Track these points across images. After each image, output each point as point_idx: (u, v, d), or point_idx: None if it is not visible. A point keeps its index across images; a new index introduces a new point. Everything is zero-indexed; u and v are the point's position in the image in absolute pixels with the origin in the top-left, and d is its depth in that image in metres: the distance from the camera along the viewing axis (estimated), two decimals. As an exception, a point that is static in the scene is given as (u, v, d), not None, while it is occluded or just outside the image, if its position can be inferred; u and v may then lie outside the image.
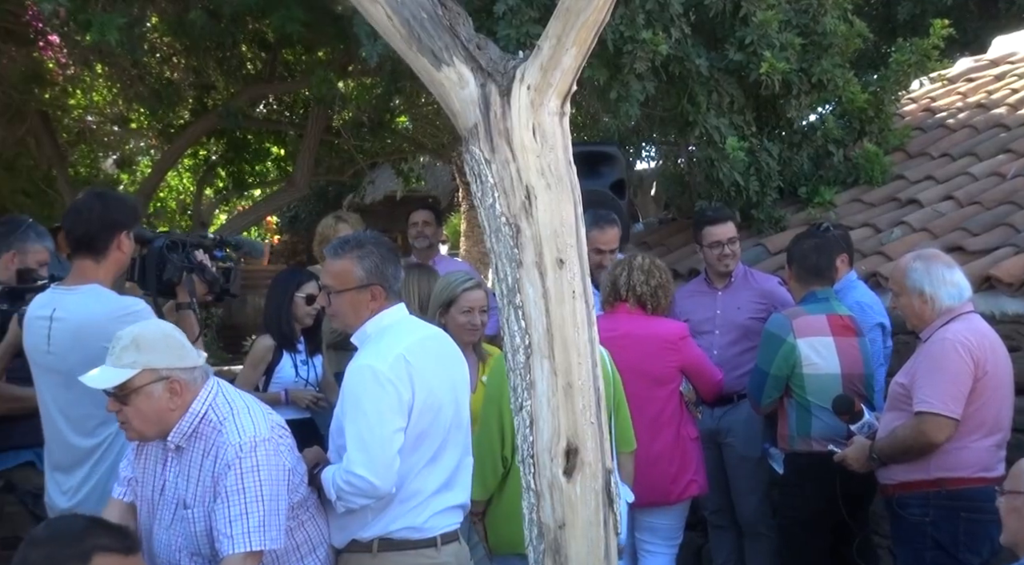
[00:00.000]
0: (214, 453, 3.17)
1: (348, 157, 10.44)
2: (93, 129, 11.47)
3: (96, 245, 3.73)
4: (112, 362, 3.13)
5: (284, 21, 6.67)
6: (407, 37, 2.63)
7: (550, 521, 2.47)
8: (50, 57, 9.89)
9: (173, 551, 3.25)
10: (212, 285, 3.94)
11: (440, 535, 3.43)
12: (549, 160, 2.57)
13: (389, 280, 3.46)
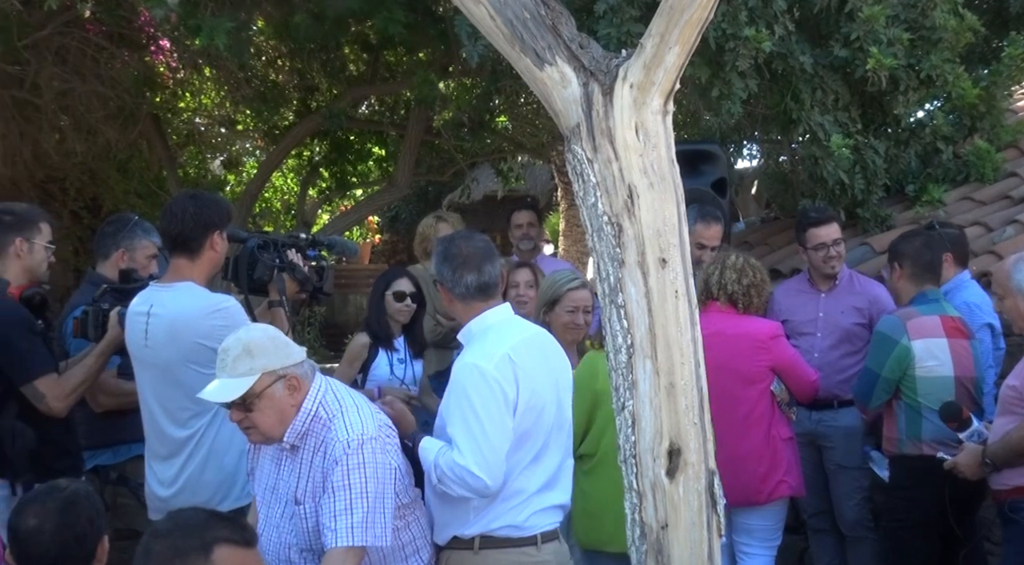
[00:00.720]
0: (323, 449, 3.24)
1: (448, 157, 10.51)
2: (201, 131, 11.74)
3: (190, 244, 3.84)
4: (228, 374, 3.19)
5: (386, 23, 6.74)
6: (510, 37, 2.65)
7: (652, 521, 2.46)
8: (161, 61, 10.17)
9: (283, 547, 3.33)
10: (304, 284, 4.00)
11: (540, 534, 3.44)
12: (652, 159, 2.57)
13: (447, 282, 3.49)
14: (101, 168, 10.90)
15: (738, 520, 4.94)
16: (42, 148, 10.03)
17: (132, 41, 9.38)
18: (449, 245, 3.54)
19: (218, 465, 3.87)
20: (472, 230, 4.03)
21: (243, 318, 3.81)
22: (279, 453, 3.37)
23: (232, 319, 3.76)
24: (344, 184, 11.72)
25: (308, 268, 4.03)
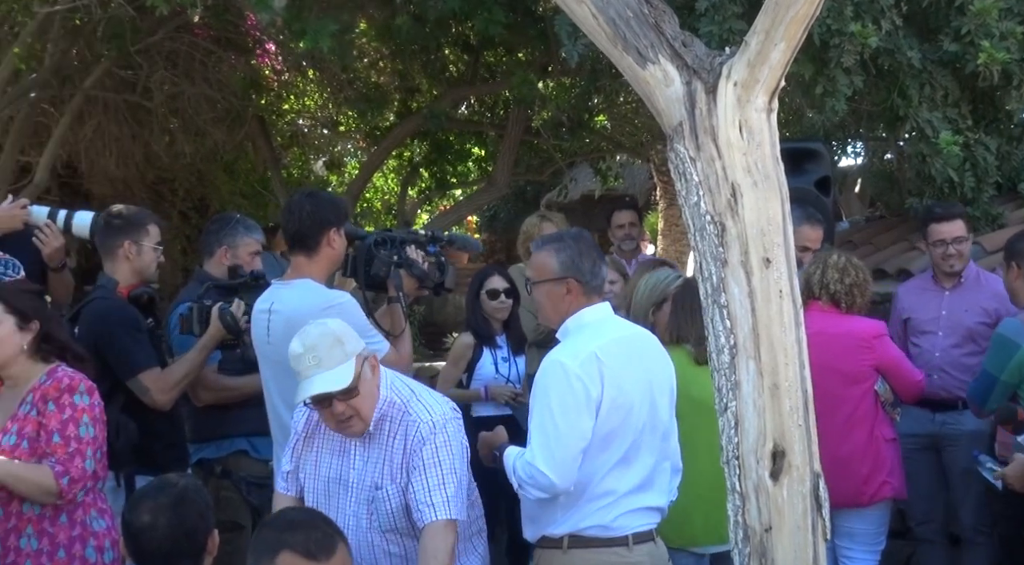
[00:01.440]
0: (403, 432, 3.33)
1: (547, 156, 10.53)
2: (305, 132, 11.94)
3: (307, 242, 3.92)
4: (324, 367, 3.22)
5: (486, 24, 6.78)
6: (612, 36, 2.64)
7: (756, 524, 2.43)
8: (266, 64, 10.38)
9: (364, 532, 3.38)
10: (422, 280, 4.04)
11: (632, 534, 3.42)
12: (756, 157, 2.54)
13: (585, 275, 3.47)
14: (208, 169, 11.17)
15: (840, 523, 4.85)
16: (153, 150, 10.32)
17: (239, 45, 9.59)
18: (581, 241, 3.54)
19: None
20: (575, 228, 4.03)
21: (357, 313, 3.87)
22: (344, 444, 3.41)
23: (346, 314, 3.80)
24: (444, 184, 11.82)
25: (428, 264, 4.06)
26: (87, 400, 3.54)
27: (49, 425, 3.46)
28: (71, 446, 3.44)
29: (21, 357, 3.57)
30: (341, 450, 3.43)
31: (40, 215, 4.61)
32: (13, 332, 3.54)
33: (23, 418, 3.51)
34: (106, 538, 3.60)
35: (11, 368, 3.57)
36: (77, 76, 8.94)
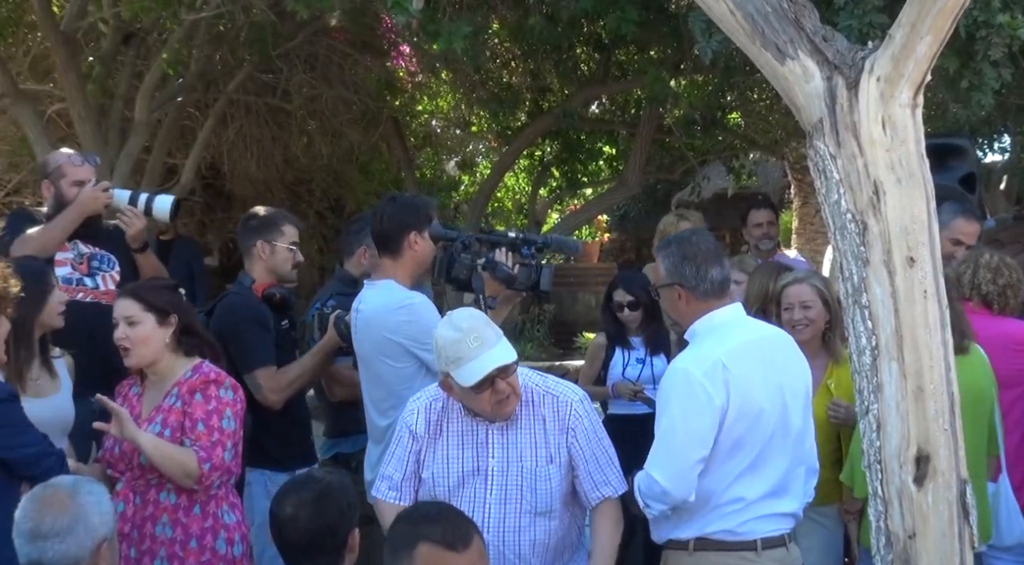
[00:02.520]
0: (552, 412, 3.42)
1: (679, 155, 10.44)
2: (438, 133, 12.11)
3: (390, 245, 4.00)
4: (490, 345, 3.27)
5: (619, 22, 6.75)
6: (750, 32, 2.61)
7: (899, 530, 2.37)
8: (401, 66, 10.56)
9: (512, 518, 3.40)
10: (509, 282, 4.01)
11: (761, 539, 3.35)
12: (900, 154, 2.47)
13: (689, 280, 3.42)
14: (344, 170, 11.42)
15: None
16: (291, 151, 10.61)
17: (374, 47, 9.78)
18: (685, 244, 3.49)
19: None
20: (701, 228, 3.98)
21: (429, 314, 3.91)
22: (477, 435, 3.44)
23: (416, 315, 3.89)
24: (575, 183, 11.83)
25: (518, 267, 4.04)
26: (231, 395, 3.66)
27: (195, 414, 3.58)
28: (214, 436, 3.56)
29: (165, 352, 3.70)
30: (475, 442, 3.45)
31: (122, 199, 4.73)
32: (154, 329, 3.66)
33: (167, 409, 3.64)
34: (236, 531, 3.71)
35: (157, 364, 3.70)
36: (221, 80, 9.24)
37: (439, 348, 3.31)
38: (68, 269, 4.67)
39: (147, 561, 3.58)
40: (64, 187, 4.70)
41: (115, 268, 4.73)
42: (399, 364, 3.93)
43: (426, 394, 3.56)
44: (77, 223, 4.64)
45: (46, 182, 4.80)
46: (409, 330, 3.90)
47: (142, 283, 3.89)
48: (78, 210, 4.63)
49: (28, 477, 3.31)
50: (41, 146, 8.07)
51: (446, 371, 3.31)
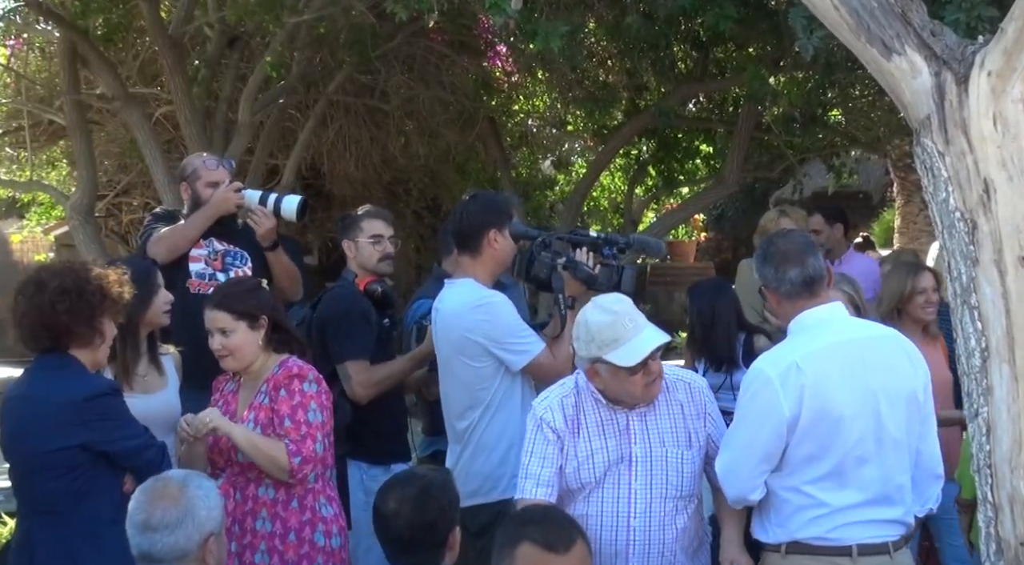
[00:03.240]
0: (686, 395, 3.53)
1: (777, 153, 10.29)
2: (534, 132, 12.12)
3: (470, 243, 4.00)
4: (642, 325, 3.35)
5: (717, 19, 6.68)
6: (855, 27, 2.56)
7: (1011, 537, 2.31)
8: (497, 66, 10.60)
9: (658, 502, 3.44)
10: (589, 282, 3.97)
11: (857, 545, 3.26)
12: (1011, 151, 2.41)
13: (771, 281, 3.38)
14: (441, 169, 11.51)
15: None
16: (389, 152, 10.73)
17: (471, 48, 9.84)
18: (767, 245, 3.46)
19: (486, 458, 3.99)
20: (793, 228, 3.92)
21: (507, 312, 3.92)
22: (618, 424, 3.45)
23: (493, 313, 3.90)
24: (671, 182, 11.74)
25: (599, 267, 4.01)
26: (315, 388, 3.71)
27: (281, 410, 3.65)
28: (302, 429, 3.62)
29: (260, 353, 3.78)
30: (616, 430, 3.46)
31: (252, 199, 4.88)
32: (247, 334, 3.74)
33: (258, 406, 3.72)
34: (333, 524, 3.77)
35: (252, 365, 3.79)
36: (321, 82, 9.38)
37: (591, 333, 3.33)
38: (202, 265, 4.84)
39: (248, 555, 3.66)
40: (199, 188, 4.88)
41: (247, 264, 4.88)
42: (477, 363, 3.94)
43: (554, 391, 3.57)
44: (209, 222, 4.81)
45: (184, 184, 4.99)
46: (487, 329, 3.91)
47: (229, 290, 3.95)
48: (211, 210, 4.81)
49: (130, 469, 3.41)
50: (149, 148, 8.31)
51: (597, 356, 3.33)
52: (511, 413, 3.97)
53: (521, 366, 3.94)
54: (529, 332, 3.97)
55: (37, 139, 10.57)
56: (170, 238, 4.78)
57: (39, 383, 3.40)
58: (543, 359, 3.92)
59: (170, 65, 8.19)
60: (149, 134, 8.38)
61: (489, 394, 3.95)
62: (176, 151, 9.83)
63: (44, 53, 10.17)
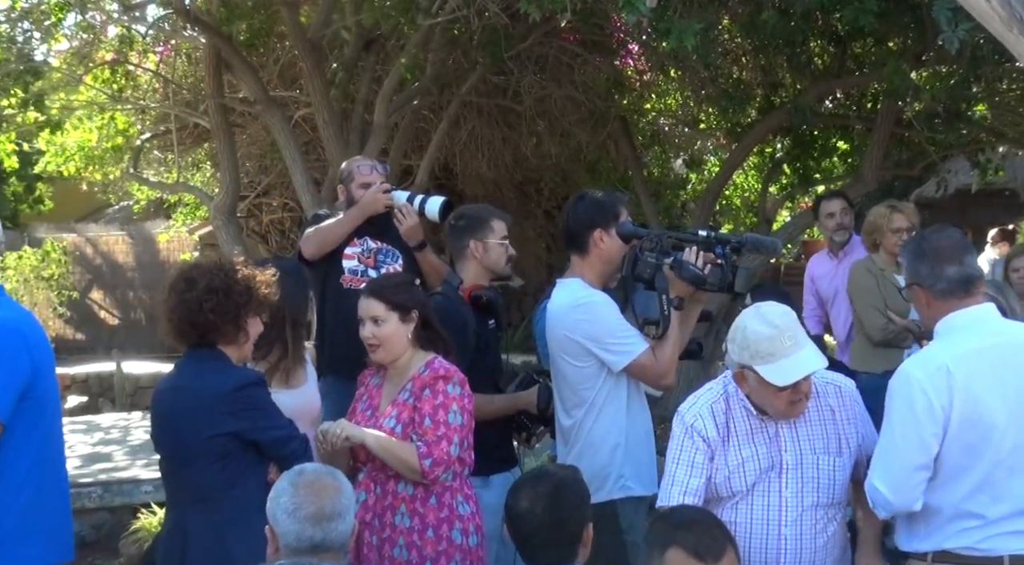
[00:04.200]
0: (836, 399, 3.46)
1: (919, 150, 9.99)
2: (665, 131, 12.04)
3: (576, 242, 4.01)
4: (801, 344, 3.28)
5: (856, 14, 6.53)
6: (1007, 19, 2.48)
7: None
8: (629, 65, 10.56)
9: (808, 510, 3.39)
10: (696, 282, 3.89)
11: (1009, 556, 3.14)
12: None
13: (925, 279, 3.27)
14: (572, 169, 11.53)
15: None
16: (521, 152, 10.80)
17: (603, 47, 9.83)
18: (921, 242, 3.35)
19: (592, 458, 3.95)
20: (944, 225, 3.77)
21: (608, 312, 3.90)
22: (767, 432, 3.40)
23: (594, 313, 3.88)
24: (807, 180, 11.50)
25: (709, 267, 3.95)
26: (458, 390, 3.75)
27: (423, 409, 3.70)
28: (439, 430, 3.66)
29: (407, 347, 3.84)
30: (766, 438, 3.41)
31: (400, 198, 5.00)
32: (398, 327, 3.80)
33: (402, 404, 3.78)
34: (470, 522, 3.80)
35: (399, 359, 3.85)
36: (454, 83, 9.51)
37: (747, 341, 3.28)
38: (355, 262, 5.00)
39: (387, 548, 3.73)
40: (353, 190, 5.05)
41: (398, 261, 5.02)
42: (579, 363, 3.94)
43: (702, 396, 3.51)
44: (358, 222, 4.96)
45: (340, 186, 5.18)
46: (587, 329, 3.90)
47: (384, 281, 4.05)
48: (360, 210, 4.96)
49: (275, 459, 3.51)
50: (289, 150, 8.55)
51: (748, 364, 3.28)
52: (616, 413, 3.96)
53: (622, 366, 3.90)
54: (631, 332, 3.94)
55: (183, 142, 11.00)
56: (319, 235, 4.95)
57: (189, 375, 3.54)
58: (644, 360, 3.89)
59: (309, 68, 8.42)
60: (289, 136, 8.63)
61: (593, 393, 3.95)
62: (314, 152, 10.10)
63: (190, 59, 10.56)
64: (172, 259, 16.84)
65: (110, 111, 10.74)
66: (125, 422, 11.17)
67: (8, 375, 3.47)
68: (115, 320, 17.76)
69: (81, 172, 11.60)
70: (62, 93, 10.36)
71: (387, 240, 5.05)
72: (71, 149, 11.19)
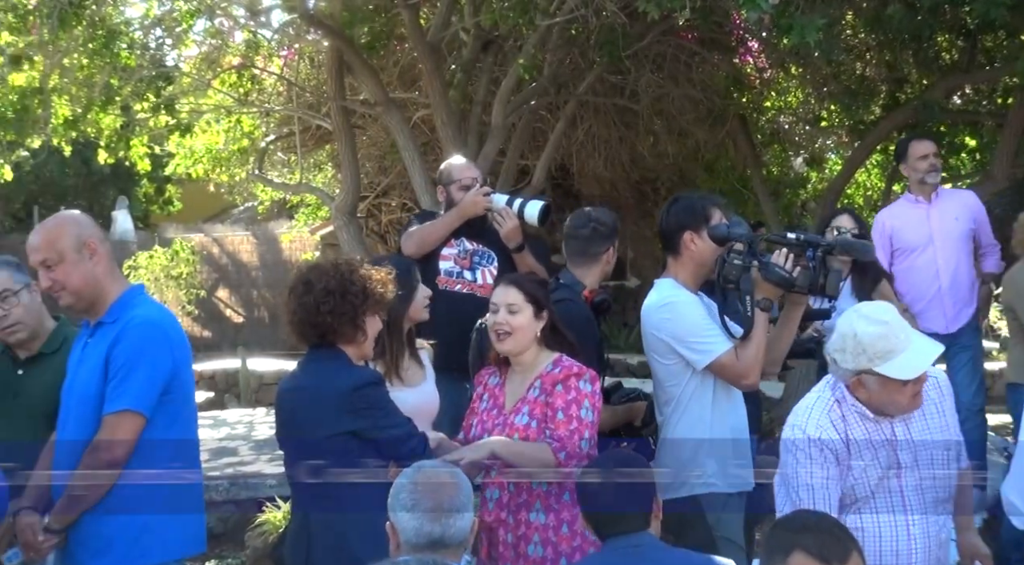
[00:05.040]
0: (938, 396, 3.47)
1: (1053, 146, 9.62)
2: (786, 129, 11.84)
3: (670, 244, 4.07)
4: (916, 335, 3.30)
5: (988, 7, 6.34)
6: None
7: None
8: (748, 62, 10.42)
9: (932, 506, 3.39)
10: (783, 284, 3.86)
11: None
12: None
13: None
14: (689, 168, 11.44)
15: None
16: (638, 151, 10.76)
17: (722, 45, 9.72)
18: None
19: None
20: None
21: (691, 312, 3.93)
22: (883, 433, 3.37)
23: (676, 313, 3.93)
24: (934, 178, 11.18)
25: (800, 269, 3.88)
26: (590, 387, 3.78)
27: (555, 404, 3.74)
28: (572, 424, 3.70)
29: (533, 344, 3.87)
30: (884, 441, 3.38)
31: (499, 202, 5.04)
32: (530, 320, 3.85)
33: (532, 401, 3.81)
34: None
35: (524, 354, 3.88)
36: (571, 83, 9.51)
37: (861, 345, 3.24)
38: (452, 263, 5.10)
39: (523, 546, 3.77)
40: (453, 192, 5.15)
41: (493, 263, 5.08)
42: (666, 361, 4.00)
43: (815, 406, 3.46)
44: (457, 223, 5.05)
45: (440, 188, 5.30)
46: (670, 328, 3.95)
47: (522, 275, 4.12)
48: (459, 212, 5.05)
49: (394, 457, 3.56)
50: (408, 151, 8.67)
51: (867, 368, 3.25)
52: (701, 411, 3.99)
53: (704, 365, 3.93)
54: (714, 332, 3.96)
55: (306, 143, 11.25)
56: (420, 235, 5.08)
57: (311, 374, 3.62)
58: (725, 359, 3.90)
59: (428, 70, 8.52)
60: (408, 137, 8.74)
61: (679, 390, 4.00)
62: (432, 153, 10.22)
63: (313, 62, 10.79)
64: (294, 258, 17.24)
65: (236, 114, 11.03)
66: (250, 418, 11.50)
67: (151, 370, 3.59)
68: (240, 318, 18.26)
69: (209, 174, 11.95)
70: (191, 97, 10.66)
71: (483, 242, 5.14)
72: (199, 152, 11.53)
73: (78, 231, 3.63)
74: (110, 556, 3.57)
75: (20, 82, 8.88)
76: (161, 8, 9.54)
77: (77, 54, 8.92)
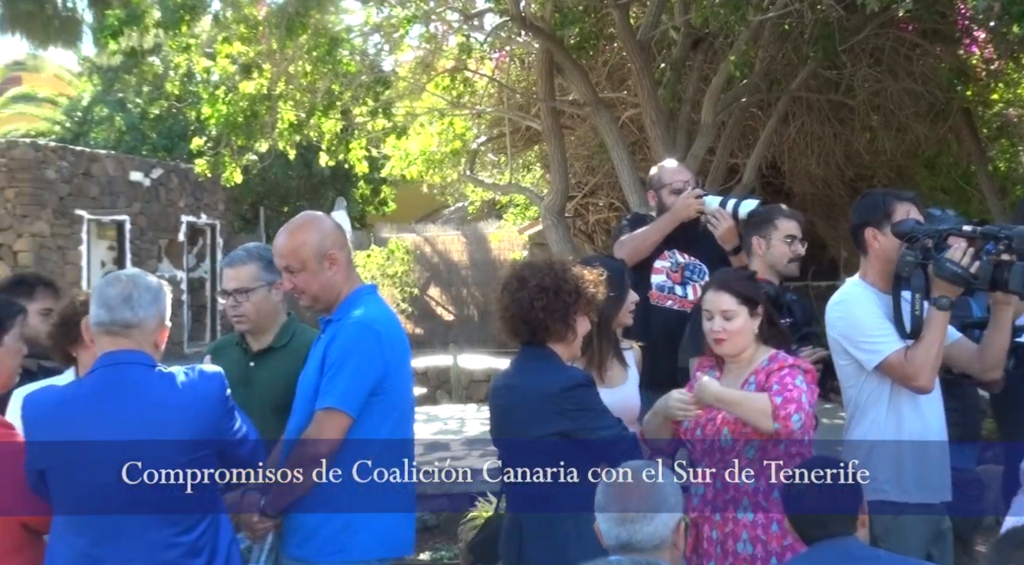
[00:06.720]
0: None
1: None
2: (1015, 122, 11.25)
3: (857, 241, 3.94)
4: None
5: None
6: None
7: None
8: (974, 53, 9.94)
9: None
10: (955, 281, 3.61)
11: None
12: None
13: None
14: (908, 164, 11.01)
15: None
16: (853, 147, 10.43)
17: (945, 36, 9.33)
18: None
19: (849, 456, 3.78)
20: None
21: (862, 310, 3.78)
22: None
23: (847, 310, 3.81)
24: None
25: (977, 265, 3.63)
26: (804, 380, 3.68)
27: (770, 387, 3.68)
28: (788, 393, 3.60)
29: (752, 341, 3.82)
30: None
31: (712, 204, 4.96)
32: (746, 321, 3.79)
33: None
34: None
35: (742, 353, 3.84)
36: (784, 79, 9.32)
37: None
38: (663, 277, 5.05)
39: (730, 543, 3.72)
40: (664, 196, 5.12)
41: (704, 277, 5.02)
42: (842, 361, 3.87)
43: None
44: (670, 228, 5.01)
45: (651, 192, 5.24)
46: (842, 326, 3.82)
47: (731, 275, 4.06)
48: (672, 216, 5.01)
49: (604, 459, 3.56)
50: (616, 150, 8.69)
51: None
52: (876, 416, 3.81)
53: (872, 365, 3.77)
54: (885, 331, 3.77)
55: (516, 144, 11.43)
56: (633, 242, 5.02)
57: (522, 373, 3.67)
58: (894, 359, 3.72)
59: (637, 69, 8.52)
60: (617, 136, 8.76)
61: (855, 392, 3.85)
62: (640, 152, 10.20)
63: (523, 64, 10.95)
64: (503, 258, 17.53)
65: (449, 116, 11.32)
66: (461, 413, 11.77)
67: (359, 371, 3.68)
68: (451, 316, 18.72)
69: (422, 175, 12.30)
70: (407, 101, 11.01)
71: (695, 253, 5.05)
72: (414, 154, 11.89)
73: (320, 241, 3.74)
74: (308, 547, 3.69)
75: (249, 90, 9.39)
76: (379, 15, 9.89)
77: (302, 61, 9.36)
